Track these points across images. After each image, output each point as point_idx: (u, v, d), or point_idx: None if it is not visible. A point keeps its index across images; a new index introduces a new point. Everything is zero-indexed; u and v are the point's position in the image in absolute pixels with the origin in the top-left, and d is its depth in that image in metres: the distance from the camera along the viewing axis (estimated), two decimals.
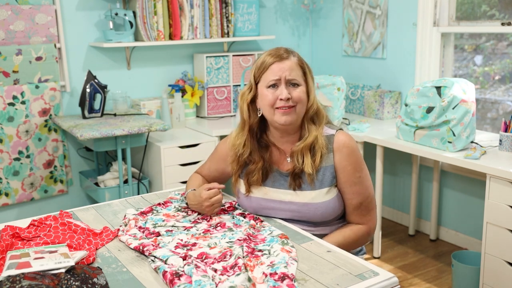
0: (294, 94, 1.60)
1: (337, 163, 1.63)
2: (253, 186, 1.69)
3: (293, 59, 1.63)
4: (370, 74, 3.66)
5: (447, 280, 2.86)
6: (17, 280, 1.14)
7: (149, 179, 3.16)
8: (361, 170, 1.65)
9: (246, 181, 1.69)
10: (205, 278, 1.24)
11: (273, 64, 1.61)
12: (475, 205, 3.10)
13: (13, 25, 3.01)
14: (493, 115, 3.12)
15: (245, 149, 1.68)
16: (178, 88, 3.45)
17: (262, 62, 1.64)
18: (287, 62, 1.61)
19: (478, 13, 3.08)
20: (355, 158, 1.64)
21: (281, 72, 1.60)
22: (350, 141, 1.65)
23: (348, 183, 1.64)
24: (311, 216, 1.64)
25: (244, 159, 1.69)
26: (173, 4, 3.29)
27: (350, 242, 1.65)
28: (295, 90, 1.61)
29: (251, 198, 1.70)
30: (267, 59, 1.63)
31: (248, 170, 1.69)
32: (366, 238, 1.69)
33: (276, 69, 1.61)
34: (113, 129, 2.80)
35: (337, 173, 1.64)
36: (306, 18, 4.09)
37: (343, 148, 1.63)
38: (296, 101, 1.60)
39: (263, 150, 1.69)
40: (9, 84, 3.05)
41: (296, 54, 1.67)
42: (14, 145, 3.08)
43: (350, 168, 1.63)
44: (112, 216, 1.75)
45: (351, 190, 1.64)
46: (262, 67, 1.63)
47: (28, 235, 1.50)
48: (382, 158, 3.03)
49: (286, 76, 1.60)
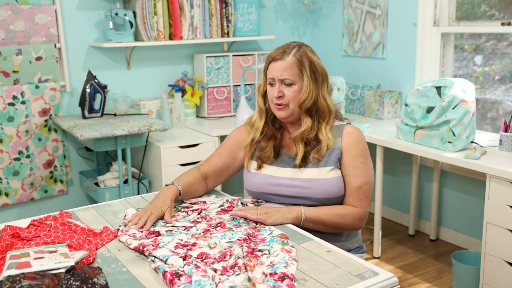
0: (287, 93, 1.72)
1: (344, 146, 1.74)
2: (264, 163, 1.79)
3: (289, 59, 1.71)
4: (370, 74, 3.66)
5: (447, 280, 2.86)
6: (17, 280, 1.14)
7: (149, 179, 3.16)
8: (366, 158, 1.75)
9: (259, 157, 1.80)
10: (205, 278, 1.24)
11: (270, 64, 1.75)
12: (475, 205, 3.10)
13: (13, 25, 3.01)
14: (493, 115, 3.12)
15: (262, 131, 1.81)
16: (178, 88, 3.45)
17: (268, 56, 1.77)
18: (281, 62, 1.71)
19: (478, 13, 3.08)
20: (361, 145, 1.75)
21: (274, 72, 1.72)
22: (359, 132, 1.78)
23: (351, 165, 1.73)
24: (314, 192, 1.72)
25: (259, 139, 1.81)
26: (173, 4, 3.29)
27: (339, 214, 1.70)
28: (287, 89, 1.72)
29: (259, 175, 1.79)
30: (272, 54, 1.75)
31: (261, 147, 1.81)
32: (355, 220, 1.73)
33: (271, 68, 1.74)
34: (113, 129, 2.80)
35: (343, 155, 1.74)
36: (306, 18, 4.09)
37: (352, 135, 1.75)
38: (288, 99, 1.72)
39: (276, 131, 1.82)
40: (9, 84, 3.05)
41: (299, 52, 1.72)
42: (14, 145, 3.08)
43: (356, 152, 1.73)
44: (112, 216, 1.75)
45: (353, 173, 1.72)
46: (266, 64, 1.77)
47: (28, 235, 1.50)
48: (382, 158, 3.03)
49: (279, 76, 1.71)
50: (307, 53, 1.73)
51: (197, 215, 1.70)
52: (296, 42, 1.77)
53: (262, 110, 1.82)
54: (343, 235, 1.78)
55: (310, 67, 1.71)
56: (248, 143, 1.83)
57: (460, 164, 2.48)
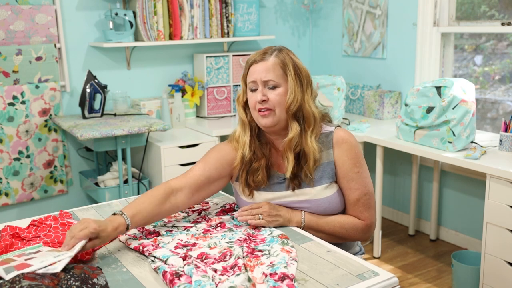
0: (271, 97, 1.58)
1: (336, 158, 1.63)
2: (256, 188, 1.66)
3: (271, 59, 1.59)
4: (370, 74, 3.66)
5: (447, 280, 2.86)
6: (17, 280, 1.14)
7: (149, 179, 3.16)
8: (360, 166, 1.64)
9: (252, 181, 1.65)
10: (205, 278, 1.24)
11: (251, 67, 1.62)
12: (475, 205, 3.10)
13: (13, 25, 3.01)
14: (493, 115, 3.12)
15: (250, 147, 1.65)
16: (178, 88, 3.45)
17: (247, 61, 1.64)
18: (263, 63, 1.59)
19: (478, 13, 3.08)
20: (354, 153, 1.63)
21: (256, 74, 1.59)
22: (349, 137, 1.65)
23: (346, 178, 1.63)
24: (313, 211, 1.64)
25: (250, 157, 1.65)
26: (173, 4, 3.29)
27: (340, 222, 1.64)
28: (272, 92, 1.59)
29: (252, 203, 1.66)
30: (251, 58, 1.63)
31: (252, 169, 1.65)
32: (361, 233, 1.66)
33: (252, 71, 1.61)
34: (113, 129, 2.80)
35: (336, 167, 1.64)
36: (306, 18, 4.09)
37: (343, 144, 1.63)
38: (273, 103, 1.58)
39: (264, 147, 1.67)
40: (9, 84, 3.05)
41: (282, 54, 1.61)
42: (14, 145, 3.08)
43: (349, 163, 1.62)
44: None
45: (348, 186, 1.64)
46: (245, 69, 1.65)
47: (28, 235, 1.50)
48: (382, 158, 3.03)
49: (262, 78, 1.58)
50: (289, 54, 1.62)
51: (197, 215, 1.70)
52: (276, 46, 1.65)
53: (245, 123, 1.66)
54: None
55: (294, 69, 1.60)
56: (239, 162, 1.66)
57: (460, 164, 2.48)
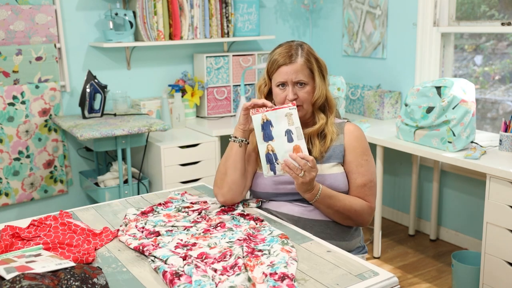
0: (301, 95, 1.73)
1: (347, 144, 1.77)
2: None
3: (300, 60, 1.73)
4: (370, 74, 3.66)
5: (447, 280, 2.86)
6: (17, 280, 1.14)
7: (149, 179, 3.16)
8: (368, 155, 1.78)
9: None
10: (205, 278, 1.24)
11: (281, 67, 1.73)
12: (475, 205, 3.10)
13: (13, 25, 3.01)
14: (493, 115, 3.12)
15: None
16: (178, 88, 3.45)
17: (273, 61, 1.75)
18: (292, 65, 1.72)
19: (478, 13, 3.08)
20: (364, 143, 1.79)
21: (287, 76, 1.72)
22: (360, 130, 1.81)
23: (355, 163, 1.75)
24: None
25: None
26: (173, 4, 3.29)
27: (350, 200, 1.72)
28: (301, 90, 1.73)
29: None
30: (278, 59, 1.74)
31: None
32: (367, 214, 1.75)
33: (283, 72, 1.73)
34: (113, 129, 2.80)
35: (346, 152, 1.76)
36: (306, 18, 4.09)
37: (354, 132, 1.79)
38: (302, 100, 1.74)
39: None
40: (9, 84, 3.05)
41: (305, 52, 1.74)
42: (14, 145, 3.08)
43: (359, 150, 1.76)
44: (112, 216, 1.75)
45: (357, 170, 1.75)
46: (272, 67, 1.76)
47: (28, 235, 1.50)
48: (382, 158, 3.03)
49: (293, 79, 1.72)
50: (310, 51, 1.76)
51: (197, 215, 1.70)
52: (295, 42, 1.78)
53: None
54: (347, 233, 1.77)
55: (318, 66, 1.75)
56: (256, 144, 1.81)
57: (460, 164, 2.48)
